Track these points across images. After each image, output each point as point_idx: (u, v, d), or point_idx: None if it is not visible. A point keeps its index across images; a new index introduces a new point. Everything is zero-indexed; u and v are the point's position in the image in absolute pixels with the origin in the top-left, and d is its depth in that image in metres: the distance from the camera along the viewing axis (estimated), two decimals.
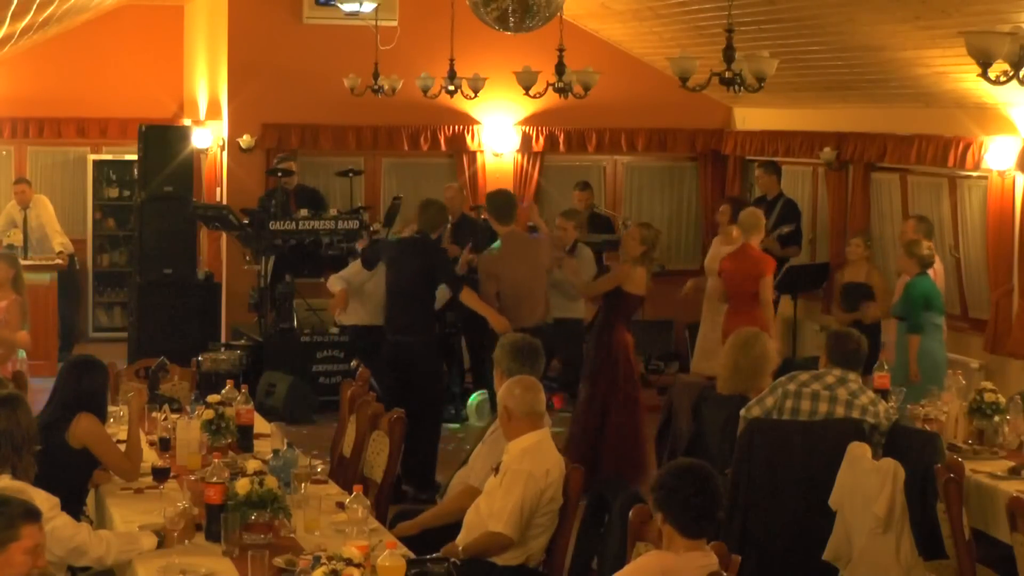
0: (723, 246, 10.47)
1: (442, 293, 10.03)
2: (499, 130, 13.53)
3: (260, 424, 7.30)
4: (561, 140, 13.67)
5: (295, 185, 12.47)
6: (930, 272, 9.37)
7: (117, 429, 6.96)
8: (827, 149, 12.01)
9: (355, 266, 10.84)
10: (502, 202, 9.73)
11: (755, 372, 7.43)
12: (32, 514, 4.32)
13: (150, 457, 6.59)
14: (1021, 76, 5.56)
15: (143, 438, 6.71)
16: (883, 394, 7.49)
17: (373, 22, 11.97)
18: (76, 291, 14.64)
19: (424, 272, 9.28)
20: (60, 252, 13.53)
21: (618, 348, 9.26)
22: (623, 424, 9.28)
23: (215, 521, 5.36)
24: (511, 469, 5.74)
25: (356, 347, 10.85)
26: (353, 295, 10.73)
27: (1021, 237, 10.06)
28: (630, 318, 9.48)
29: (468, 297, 9.32)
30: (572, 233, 11.01)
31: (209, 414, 6.80)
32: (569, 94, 9.64)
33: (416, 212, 9.66)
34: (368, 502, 5.48)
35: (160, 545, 5.27)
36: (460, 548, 5.65)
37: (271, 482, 5.39)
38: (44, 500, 5.11)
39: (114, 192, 15.19)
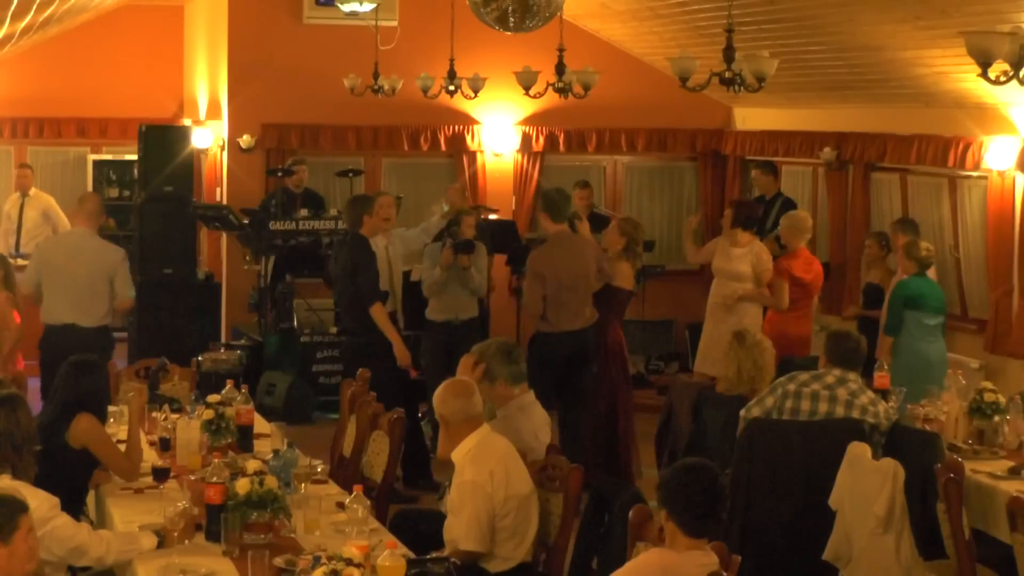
0: (733, 248, 10.30)
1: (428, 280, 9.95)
2: (499, 130, 13.53)
3: (260, 424, 7.30)
4: (561, 140, 13.67)
5: (303, 188, 12.48)
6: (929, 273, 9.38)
7: (117, 429, 6.96)
8: (827, 149, 12.01)
9: None
10: (555, 199, 9.32)
11: (757, 373, 7.44)
12: (23, 505, 4.53)
13: (150, 457, 6.59)
14: (1021, 76, 5.56)
15: (143, 438, 6.71)
16: (883, 394, 7.49)
17: (373, 22, 11.97)
18: None
19: (352, 270, 9.04)
20: None
21: (616, 345, 9.29)
22: (624, 424, 9.31)
23: (215, 521, 5.36)
24: (456, 484, 5.70)
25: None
26: None
27: (1021, 237, 10.06)
28: (622, 315, 9.48)
29: (377, 313, 8.99)
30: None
31: (209, 414, 6.80)
32: (569, 94, 9.63)
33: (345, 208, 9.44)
34: (368, 502, 5.48)
35: (160, 545, 5.27)
36: None
37: (271, 482, 5.39)
38: (44, 500, 5.11)
39: (114, 192, 15.20)
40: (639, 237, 9.42)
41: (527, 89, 9.91)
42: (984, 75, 5.58)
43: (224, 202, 13.06)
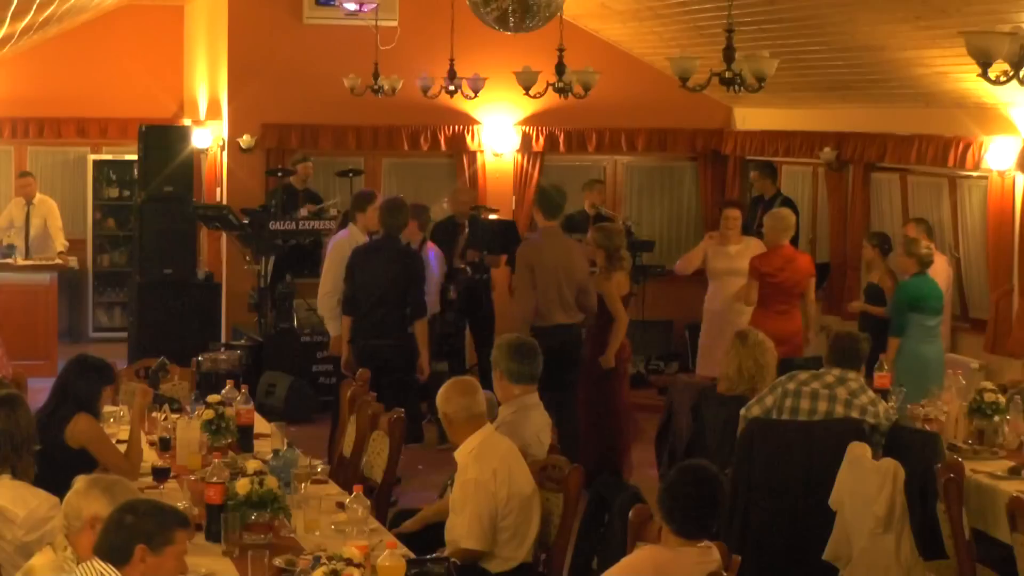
0: (722, 246, 10.35)
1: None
2: (499, 130, 13.53)
3: (260, 424, 7.29)
4: (561, 140, 13.67)
5: (304, 187, 12.49)
6: (930, 272, 9.35)
7: (117, 429, 6.97)
8: (827, 149, 12.00)
9: None
10: (551, 195, 9.39)
11: (757, 372, 7.44)
12: (185, 522, 4.28)
13: (150, 457, 6.59)
14: (1021, 76, 5.56)
15: (143, 438, 6.70)
16: (883, 394, 7.49)
17: (373, 22, 11.98)
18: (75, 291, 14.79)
19: (401, 279, 9.05)
20: (61, 252, 13.58)
21: (625, 351, 9.30)
22: (621, 424, 9.31)
23: (215, 521, 5.36)
24: (459, 482, 5.71)
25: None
26: None
27: (1021, 237, 10.06)
28: None
29: (422, 327, 9.10)
30: (419, 233, 10.49)
31: (209, 414, 6.80)
32: (569, 94, 9.62)
33: (382, 214, 9.26)
34: (368, 502, 5.48)
35: None
36: None
37: (271, 482, 5.39)
38: (44, 500, 5.11)
39: (114, 192, 15.20)
40: (618, 243, 9.24)
41: (527, 89, 9.91)
42: (984, 75, 5.58)
43: (224, 202, 13.06)
